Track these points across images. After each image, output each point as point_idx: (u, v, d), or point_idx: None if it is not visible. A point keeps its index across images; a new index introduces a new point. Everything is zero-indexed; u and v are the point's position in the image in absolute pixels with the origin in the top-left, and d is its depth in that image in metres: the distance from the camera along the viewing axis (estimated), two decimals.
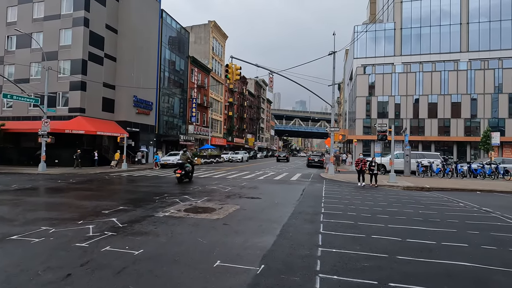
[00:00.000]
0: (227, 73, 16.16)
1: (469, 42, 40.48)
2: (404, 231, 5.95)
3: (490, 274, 3.90)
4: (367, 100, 42.08)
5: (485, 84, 38.00)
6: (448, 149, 39.15)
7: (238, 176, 18.23)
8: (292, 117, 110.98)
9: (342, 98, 74.76)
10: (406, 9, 42.83)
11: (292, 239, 5.26)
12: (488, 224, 6.73)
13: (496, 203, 9.98)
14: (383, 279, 3.63)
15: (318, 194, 11.19)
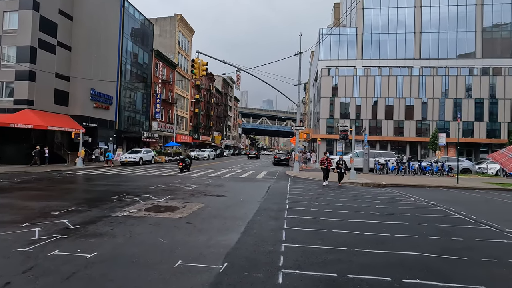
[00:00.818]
0: (193, 68, 15.74)
1: (421, 50, 43.98)
2: (362, 225, 6.26)
3: (435, 261, 4.25)
4: (330, 101, 43.80)
5: (434, 89, 41.59)
6: (402, 149, 42.22)
7: (204, 174, 17.91)
8: (259, 115, 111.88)
9: (308, 98, 77.04)
10: (367, 16, 45.26)
11: (257, 236, 5.26)
12: (435, 217, 7.35)
13: (442, 197, 10.96)
14: (343, 271, 3.77)
15: (283, 191, 11.38)
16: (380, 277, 3.62)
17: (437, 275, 3.74)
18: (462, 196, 11.58)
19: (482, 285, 3.49)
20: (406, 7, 44.35)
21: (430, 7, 43.81)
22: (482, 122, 40.49)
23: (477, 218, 7.25)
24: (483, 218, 7.20)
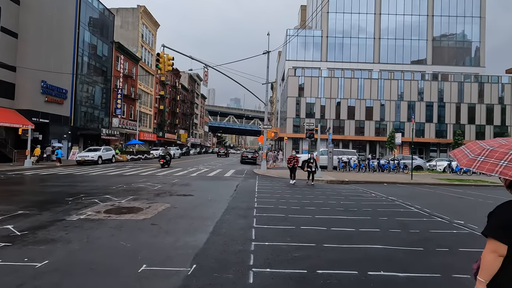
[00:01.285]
0: (158, 63, 15.05)
1: (380, 55, 46.84)
2: (328, 221, 6.44)
3: (396, 253, 4.49)
4: (297, 100, 44.82)
5: (391, 92, 44.51)
6: (362, 147, 44.62)
7: (169, 173, 17.29)
8: (226, 114, 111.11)
9: (275, 97, 78.15)
10: (332, 20, 47.04)
11: (226, 235, 5.16)
12: (394, 211, 7.83)
13: (399, 192, 11.74)
14: (312, 267, 3.82)
15: (251, 189, 11.36)
16: (348, 271, 3.73)
17: (398, 266, 3.95)
18: (416, 191, 12.51)
19: (437, 273, 3.76)
20: (367, 13, 46.86)
21: (388, 15, 46.78)
22: (432, 123, 44.24)
23: (430, 211, 7.86)
24: (435, 211, 7.83)
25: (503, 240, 1.54)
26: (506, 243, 1.54)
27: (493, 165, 1.49)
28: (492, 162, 1.52)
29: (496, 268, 1.57)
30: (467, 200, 10.54)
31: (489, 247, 1.59)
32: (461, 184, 15.52)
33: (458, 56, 46.93)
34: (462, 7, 46.47)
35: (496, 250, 1.56)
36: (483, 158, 1.58)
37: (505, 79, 44.77)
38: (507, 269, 1.57)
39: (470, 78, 44.29)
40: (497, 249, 1.56)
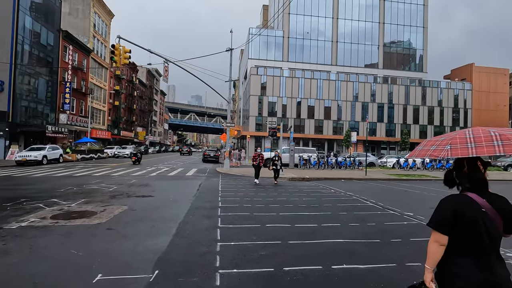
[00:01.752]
0: (114, 55, 14.01)
1: (337, 58, 49.29)
2: (292, 218, 6.57)
3: (356, 246, 4.73)
4: (259, 99, 45.25)
5: (347, 93, 47.15)
6: (321, 145, 46.65)
7: (126, 173, 16.28)
8: (187, 111, 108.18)
9: (237, 95, 78.05)
10: (293, 21, 48.28)
11: (190, 237, 4.97)
12: (352, 205, 8.27)
13: (355, 188, 12.45)
14: (279, 265, 3.84)
15: (215, 188, 11.17)
16: (313, 266, 3.82)
17: (359, 259, 4.15)
18: (370, 186, 13.38)
19: (394, 263, 4.02)
20: (325, 17, 48.96)
21: (344, 20, 49.39)
22: (382, 123, 47.83)
23: (383, 205, 8.45)
24: (388, 205, 8.43)
25: (443, 231, 1.73)
26: (446, 234, 1.72)
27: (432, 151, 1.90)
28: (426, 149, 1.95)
29: (439, 256, 1.75)
30: (414, 193, 11.54)
31: (432, 238, 1.78)
32: (408, 179, 16.97)
33: (405, 61, 51.32)
34: (409, 17, 50.85)
35: (438, 240, 1.75)
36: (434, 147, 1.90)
37: (443, 84, 50.11)
38: (450, 256, 1.74)
39: (415, 82, 48.73)
40: (438, 239, 1.74)
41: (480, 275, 1.68)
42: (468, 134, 1.76)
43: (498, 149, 1.58)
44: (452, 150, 1.73)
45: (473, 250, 1.71)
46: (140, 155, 24.49)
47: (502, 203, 1.74)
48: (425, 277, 1.80)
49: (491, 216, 1.71)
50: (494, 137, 1.65)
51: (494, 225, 1.70)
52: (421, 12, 51.20)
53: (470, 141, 1.70)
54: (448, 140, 1.82)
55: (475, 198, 1.75)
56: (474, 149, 1.65)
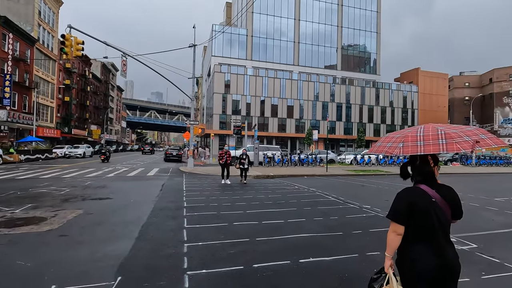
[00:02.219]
0: (64, 47, 12.80)
1: (299, 58, 50.74)
2: (259, 215, 6.63)
3: (321, 239, 4.92)
4: (223, 97, 44.84)
5: (308, 93, 48.79)
6: (284, 143, 47.73)
7: (80, 174, 15.06)
8: (147, 108, 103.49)
9: (200, 93, 76.52)
10: (256, 20, 48.57)
11: (154, 240, 4.76)
12: (315, 201, 8.59)
13: (317, 184, 12.96)
14: (248, 262, 3.85)
15: (179, 188, 10.84)
16: (281, 262, 3.89)
17: (324, 251, 4.33)
18: (331, 182, 14.02)
19: (356, 253, 4.26)
20: (287, 18, 50.06)
21: (306, 21, 50.98)
22: (341, 122, 50.38)
23: (344, 199, 8.91)
24: (348, 199, 8.91)
25: (400, 222, 1.89)
26: (403, 224, 1.89)
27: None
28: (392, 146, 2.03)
29: (397, 244, 1.92)
30: (370, 187, 12.36)
31: (391, 228, 1.95)
32: (365, 174, 18.13)
33: (361, 64, 54.57)
34: (364, 22, 54.13)
35: (395, 230, 1.91)
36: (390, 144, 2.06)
37: (394, 86, 54.26)
38: (407, 243, 1.91)
39: (369, 84, 52.06)
40: (396, 229, 1.91)
41: (434, 259, 1.86)
42: (419, 132, 1.93)
43: (442, 148, 1.77)
44: (404, 148, 1.90)
45: (427, 237, 1.89)
46: (109, 154, 26.43)
47: (449, 193, 1.95)
48: (385, 264, 1.98)
49: (441, 205, 1.90)
50: (440, 136, 1.83)
51: (443, 213, 1.90)
52: (375, 18, 54.80)
53: (420, 139, 1.87)
54: (401, 138, 1.99)
55: (426, 189, 1.93)
56: (422, 147, 1.82)
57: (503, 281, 3.48)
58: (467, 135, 1.81)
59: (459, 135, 1.81)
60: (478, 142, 1.77)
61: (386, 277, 1.90)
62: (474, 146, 1.75)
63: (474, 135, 1.81)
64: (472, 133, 1.83)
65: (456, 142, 1.77)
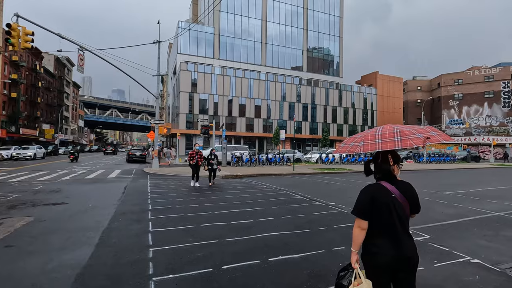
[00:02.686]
0: (10, 37, 11.54)
1: (266, 58, 51.31)
2: (228, 215, 6.57)
3: (290, 237, 5.01)
4: (190, 96, 43.82)
5: (275, 93, 49.55)
6: (252, 143, 47.97)
7: (30, 178, 13.74)
8: (108, 106, 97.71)
9: (166, 91, 74.03)
10: (224, 19, 48.18)
11: (117, 246, 4.48)
12: (283, 199, 8.73)
13: (285, 182, 13.20)
14: (217, 264, 3.78)
15: (143, 190, 10.36)
16: (251, 261, 3.89)
17: (293, 249, 4.41)
18: (298, 180, 14.37)
19: (323, 249, 4.40)
20: (255, 18, 50.35)
21: (272, 23, 51.70)
22: (307, 122, 51.90)
23: (310, 197, 9.17)
24: (314, 196, 9.19)
25: (364, 217, 2.00)
26: (367, 219, 2.00)
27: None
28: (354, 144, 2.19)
29: (361, 239, 2.02)
30: (335, 185, 12.88)
31: (356, 224, 2.04)
32: (329, 172, 18.85)
33: (325, 66, 56.68)
34: (328, 26, 56.31)
35: (360, 225, 2.02)
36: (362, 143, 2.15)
37: (355, 88, 57.17)
38: (370, 238, 2.02)
39: (333, 86, 54.29)
40: (361, 225, 2.02)
41: (393, 252, 1.98)
42: (378, 132, 2.11)
43: (397, 144, 1.94)
44: (364, 146, 2.07)
45: (387, 231, 2.01)
46: (77, 154, 27.84)
47: (408, 189, 2.09)
48: (351, 260, 2.06)
49: (400, 200, 2.03)
50: (395, 134, 2.02)
51: (402, 208, 2.03)
52: (338, 23, 57.27)
53: (378, 138, 2.04)
54: (362, 137, 2.17)
55: (387, 185, 2.06)
56: (380, 145, 2.00)
57: (453, 268, 3.82)
58: (419, 132, 2.02)
59: (412, 132, 2.02)
60: (429, 138, 1.98)
61: (353, 272, 1.97)
62: (425, 141, 1.96)
63: (425, 132, 2.03)
64: (423, 130, 2.05)
65: (409, 138, 1.95)
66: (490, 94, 56.32)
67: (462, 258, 4.13)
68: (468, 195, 9.68)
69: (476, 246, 4.67)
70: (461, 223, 6.16)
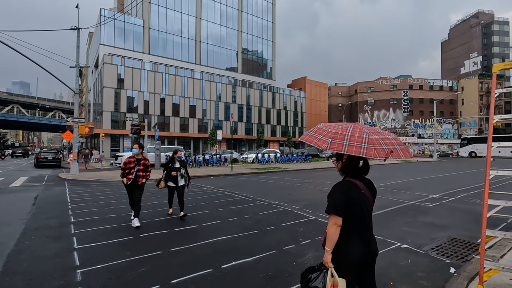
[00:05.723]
0: None
1: (201, 57, 50.14)
2: (169, 222, 6.05)
3: (239, 240, 4.85)
4: (115, 92, 39.74)
5: (211, 93, 48.82)
6: (187, 144, 46.20)
7: None
8: (8, 101, 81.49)
9: (85, 86, 65.71)
10: (154, 12, 45.19)
11: (30, 272, 3.62)
12: (227, 201, 8.52)
13: (225, 183, 12.99)
14: (164, 279, 3.38)
15: (61, 200, 8.83)
16: (203, 271, 3.59)
17: (244, 252, 4.26)
18: (238, 181, 14.32)
19: (274, 250, 4.37)
20: (189, 15, 48.68)
21: (207, 21, 50.82)
22: (242, 123, 52.59)
23: (253, 196, 9.19)
24: (256, 196, 9.24)
25: (340, 214, 1.96)
26: (342, 216, 1.97)
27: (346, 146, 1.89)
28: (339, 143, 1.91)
29: (337, 236, 1.97)
30: (273, 183, 13.25)
31: (331, 222, 1.97)
32: (266, 172, 19.37)
33: (259, 69, 58.42)
34: (261, 30, 58.18)
35: (336, 222, 1.97)
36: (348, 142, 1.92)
37: (287, 91, 60.48)
38: (343, 236, 1.99)
39: (267, 88, 56.32)
40: (337, 222, 1.97)
41: (364, 247, 2.01)
42: (348, 132, 1.96)
43: (362, 151, 1.83)
44: (331, 144, 1.92)
45: (360, 227, 2.03)
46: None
47: (371, 185, 2.16)
48: (325, 259, 1.97)
49: (368, 196, 2.09)
50: (364, 140, 1.89)
51: (370, 204, 2.09)
52: (270, 28, 59.69)
53: (347, 139, 1.90)
54: (332, 133, 1.98)
55: (357, 182, 2.08)
56: (346, 147, 1.86)
57: (389, 255, 4.22)
58: (386, 143, 1.93)
59: (379, 142, 1.91)
60: (392, 152, 1.90)
61: (327, 272, 1.92)
62: (388, 155, 1.87)
63: (391, 145, 1.94)
64: (389, 142, 1.96)
65: (376, 148, 1.85)
66: (394, 101, 66.49)
67: (394, 244, 4.62)
68: (387, 188, 11.08)
69: (402, 232, 5.29)
70: (387, 212, 6.95)
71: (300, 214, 6.65)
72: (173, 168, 6.56)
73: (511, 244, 4.34)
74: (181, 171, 6.61)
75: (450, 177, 15.18)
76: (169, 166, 6.67)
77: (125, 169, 5.82)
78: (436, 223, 5.93)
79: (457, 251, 4.37)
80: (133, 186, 5.79)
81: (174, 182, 6.55)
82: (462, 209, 7.27)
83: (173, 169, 6.53)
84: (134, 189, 5.81)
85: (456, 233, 5.26)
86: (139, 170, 5.84)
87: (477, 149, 43.23)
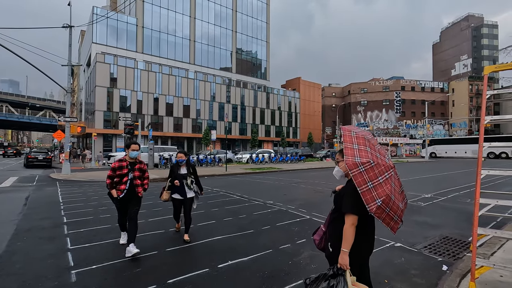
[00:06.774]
0: None
1: (195, 57, 49.92)
2: (164, 222, 6.02)
3: (235, 239, 4.86)
4: (108, 91, 39.27)
5: (205, 93, 48.62)
6: (181, 144, 45.90)
7: None
8: None
9: (77, 85, 64.77)
10: (148, 11, 44.80)
11: (23, 273, 3.57)
12: (222, 201, 8.52)
13: (219, 183, 12.97)
14: (161, 278, 3.38)
15: (53, 200, 8.70)
16: (199, 271, 3.59)
17: (240, 252, 4.27)
18: (232, 181, 14.32)
19: (270, 249, 4.39)
20: (183, 14, 48.42)
21: (201, 21, 50.63)
22: (236, 123, 52.52)
23: (248, 196, 9.20)
24: (251, 196, 9.26)
25: (357, 213, 1.98)
26: (358, 214, 1.99)
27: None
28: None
29: (353, 237, 1.98)
30: (268, 183, 13.28)
31: (349, 222, 1.98)
32: (261, 172, 19.40)
33: (253, 69, 58.44)
34: (256, 30, 58.22)
35: (354, 222, 1.99)
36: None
37: (281, 91, 60.64)
38: (362, 233, 2.04)
39: (261, 88, 56.38)
40: (354, 222, 1.99)
41: (371, 241, 2.15)
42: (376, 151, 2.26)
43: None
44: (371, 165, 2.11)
45: (369, 224, 2.13)
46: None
47: None
48: (343, 261, 1.94)
49: None
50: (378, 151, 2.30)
51: None
52: (265, 28, 59.79)
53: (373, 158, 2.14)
54: (371, 154, 2.16)
55: None
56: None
57: (384, 253, 4.28)
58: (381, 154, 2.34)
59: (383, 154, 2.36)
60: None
61: (346, 274, 1.91)
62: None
63: (382, 156, 2.31)
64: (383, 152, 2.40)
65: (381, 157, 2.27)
66: (387, 102, 67.27)
67: (388, 243, 4.69)
68: None
69: None
70: None
71: (295, 214, 6.69)
72: (177, 176, 5.01)
73: (501, 242, 4.45)
74: (188, 180, 5.03)
75: (441, 177, 15.44)
76: (173, 173, 5.08)
77: (113, 176, 4.28)
78: (429, 222, 6.04)
79: (449, 249, 4.46)
80: (127, 199, 4.28)
81: (181, 193, 4.97)
82: (453, 208, 7.42)
83: (177, 177, 4.99)
84: (129, 203, 4.29)
85: (448, 231, 5.36)
86: (135, 178, 4.33)
87: (436, 150, 45.95)
